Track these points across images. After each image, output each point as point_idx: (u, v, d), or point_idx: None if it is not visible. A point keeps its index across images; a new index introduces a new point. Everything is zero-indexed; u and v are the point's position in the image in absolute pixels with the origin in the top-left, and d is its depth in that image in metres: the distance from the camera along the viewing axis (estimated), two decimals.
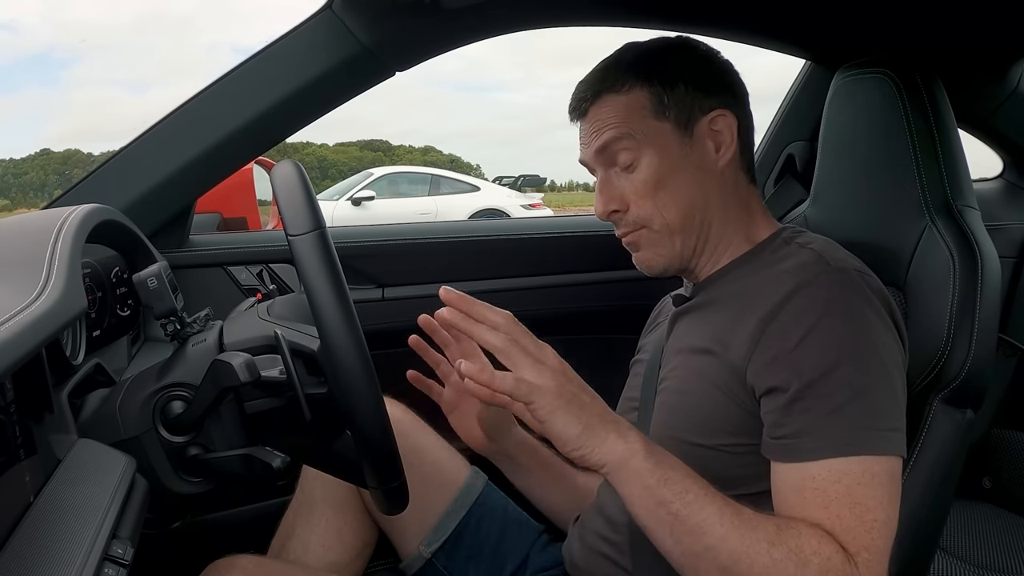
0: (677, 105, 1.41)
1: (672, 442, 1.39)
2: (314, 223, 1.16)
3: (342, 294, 1.15)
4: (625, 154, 1.42)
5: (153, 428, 1.34)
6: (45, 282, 0.96)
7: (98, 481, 1.15)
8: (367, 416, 1.18)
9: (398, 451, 1.24)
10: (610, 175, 1.46)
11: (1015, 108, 2.45)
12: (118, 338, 1.80)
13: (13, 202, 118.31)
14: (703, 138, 1.43)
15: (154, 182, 1.94)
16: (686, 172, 1.42)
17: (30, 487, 1.07)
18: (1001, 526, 2.24)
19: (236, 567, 1.47)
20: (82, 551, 0.98)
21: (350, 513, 1.74)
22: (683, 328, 1.52)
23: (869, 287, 1.31)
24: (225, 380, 1.28)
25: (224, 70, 1.97)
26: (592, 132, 1.45)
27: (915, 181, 1.62)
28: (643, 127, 1.40)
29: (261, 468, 1.32)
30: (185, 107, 1.95)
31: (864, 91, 1.72)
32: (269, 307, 1.47)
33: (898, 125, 1.64)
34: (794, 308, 1.27)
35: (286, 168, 1.21)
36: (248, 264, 2.29)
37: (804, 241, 1.43)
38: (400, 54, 1.98)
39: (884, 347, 1.27)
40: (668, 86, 1.41)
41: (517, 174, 20.40)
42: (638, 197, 1.42)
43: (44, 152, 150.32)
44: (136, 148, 1.94)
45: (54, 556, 0.95)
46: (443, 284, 2.38)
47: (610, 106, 1.43)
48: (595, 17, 2.07)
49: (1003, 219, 2.47)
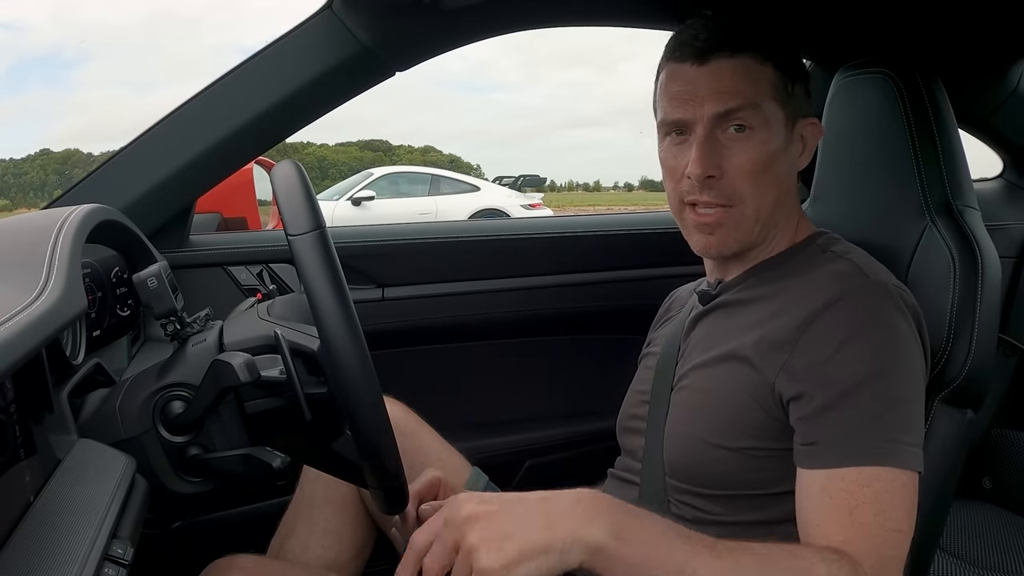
0: (794, 98, 1.41)
1: (692, 441, 1.39)
2: (314, 223, 1.15)
3: (342, 294, 1.14)
4: (742, 123, 1.36)
5: (153, 428, 1.34)
6: (45, 282, 0.96)
7: (98, 481, 1.15)
8: (367, 416, 1.17)
9: (398, 451, 1.24)
10: (716, 136, 1.38)
11: (1015, 108, 2.46)
12: (118, 338, 1.80)
13: (13, 202, 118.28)
14: (796, 138, 1.43)
15: (154, 182, 1.94)
16: (785, 164, 1.41)
17: (30, 487, 1.07)
18: (1001, 526, 2.24)
19: (236, 566, 1.47)
20: (82, 551, 0.98)
21: (350, 513, 1.74)
22: (709, 327, 1.51)
23: (904, 302, 1.31)
24: (225, 380, 1.28)
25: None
26: (715, 89, 1.36)
27: (915, 181, 1.62)
28: (769, 105, 1.37)
29: (261, 468, 1.32)
30: (185, 107, 1.95)
31: (864, 91, 1.72)
32: (269, 307, 1.47)
33: (898, 125, 1.64)
34: (832, 318, 1.26)
35: (286, 168, 1.21)
36: (248, 264, 2.29)
37: (841, 251, 1.42)
38: (400, 54, 1.98)
39: (916, 362, 1.27)
40: (792, 78, 1.41)
41: (517, 174, 20.43)
42: (743, 172, 1.37)
43: (44, 152, 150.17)
44: (136, 148, 1.95)
45: (54, 556, 0.95)
46: (443, 284, 2.40)
47: (747, 70, 1.37)
48: (593, 17, 2.07)
49: (1003, 219, 2.48)
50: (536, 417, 1.60)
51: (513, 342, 2.51)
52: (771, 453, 1.31)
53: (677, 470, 1.43)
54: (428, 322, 2.40)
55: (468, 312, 2.43)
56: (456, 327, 2.42)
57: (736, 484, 1.34)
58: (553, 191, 79.37)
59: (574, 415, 2.21)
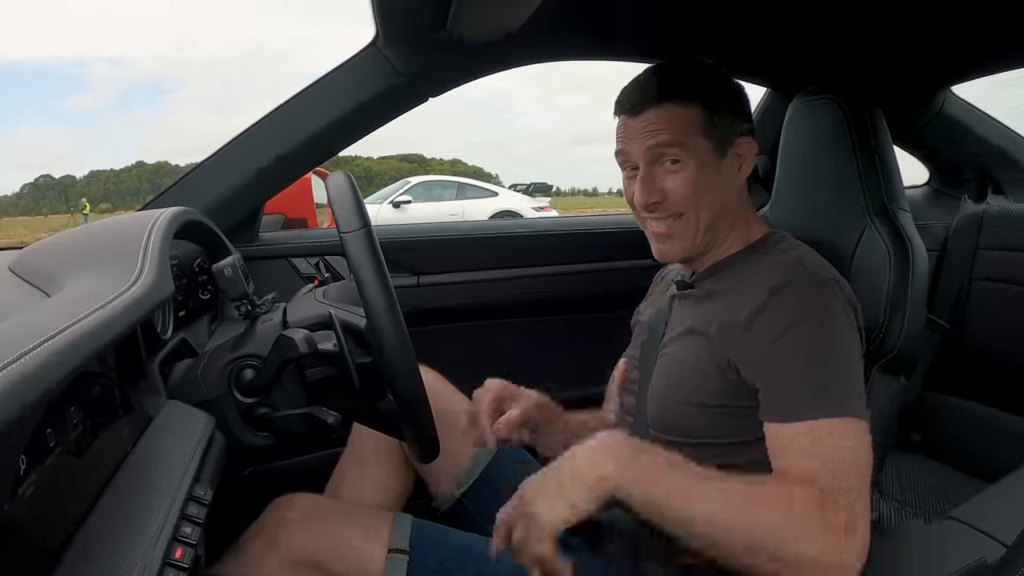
0: (719, 128, 1.38)
1: (668, 402, 1.39)
2: (361, 222, 1.16)
3: (385, 281, 1.15)
4: (672, 158, 1.37)
5: (229, 391, 1.35)
6: (140, 271, 0.97)
7: (184, 435, 1.16)
8: (406, 381, 1.18)
9: (431, 410, 1.25)
10: (652, 171, 1.39)
11: (939, 128, 2.47)
12: (200, 317, 1.80)
13: (114, 205, 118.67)
14: (732, 158, 1.41)
15: (230, 188, 1.94)
16: (718, 183, 1.39)
17: (127, 440, 1.07)
18: (928, 473, 2.24)
19: (294, 503, 1.48)
20: (171, 491, 0.99)
21: (392, 462, 1.74)
22: (683, 310, 1.49)
23: (841, 292, 1.30)
24: (288, 352, 1.30)
25: None
26: (645, 132, 1.38)
27: (857, 188, 1.63)
28: (693, 140, 1.36)
29: (318, 425, 1.33)
30: (255, 126, 1.95)
31: (815, 115, 1.72)
32: (324, 292, 1.48)
33: (843, 142, 1.65)
34: (777, 304, 1.26)
35: (338, 177, 1.22)
36: (307, 256, 2.29)
37: (787, 247, 1.41)
38: (432, 82, 1.97)
39: (851, 340, 1.25)
40: (716, 110, 1.38)
41: (529, 182, 20.33)
42: (678, 195, 1.37)
43: (139, 164, 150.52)
44: (215, 160, 1.95)
45: (149, 495, 0.96)
46: (468, 272, 2.39)
47: (670, 114, 1.36)
48: (594, 52, 2.07)
49: (929, 219, 2.47)
50: (542, 382, 1.60)
51: (525, 320, 2.51)
52: (732, 410, 1.31)
53: (657, 423, 1.43)
54: (456, 304, 2.40)
55: (488, 295, 2.43)
56: (479, 308, 2.42)
57: (705, 435, 1.34)
58: (558, 196, 79.33)
59: (572, 381, 2.21)
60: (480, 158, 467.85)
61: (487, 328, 2.48)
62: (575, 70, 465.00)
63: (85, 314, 0.75)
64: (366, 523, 1.47)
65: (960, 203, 2.56)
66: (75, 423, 0.89)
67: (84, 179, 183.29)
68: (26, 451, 0.74)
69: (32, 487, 0.74)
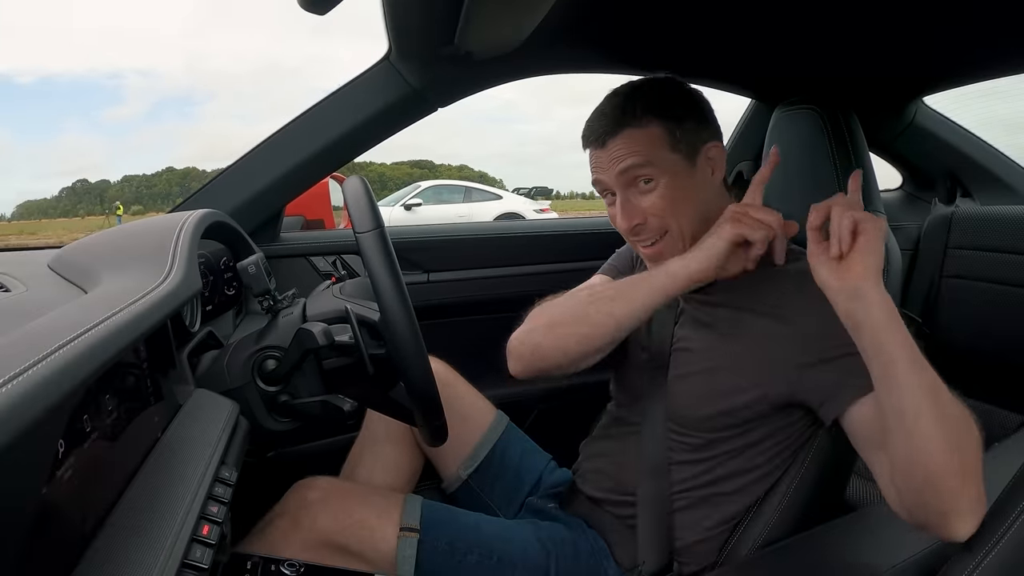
0: (685, 139, 1.35)
1: (696, 413, 1.39)
2: (375, 223, 1.16)
3: (397, 278, 1.15)
4: (644, 178, 1.34)
5: (252, 380, 1.35)
6: (170, 269, 0.96)
7: (210, 421, 1.16)
8: (417, 371, 1.18)
9: (440, 397, 1.24)
10: (628, 195, 1.37)
11: (911, 137, 2.46)
12: (225, 311, 1.80)
13: (145, 207, 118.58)
14: (703, 164, 1.38)
15: (253, 192, 1.94)
16: (693, 191, 1.36)
17: (158, 425, 1.07)
18: None
19: (314, 485, 1.47)
20: (199, 472, 0.99)
21: (404, 446, 1.74)
22: (694, 317, 1.45)
23: None
24: (308, 343, 1.30)
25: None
26: (612, 159, 1.35)
27: (836, 191, 1.61)
28: (660, 156, 1.33)
29: (334, 411, 1.33)
30: (277, 134, 1.95)
31: (796, 124, 1.72)
32: (341, 288, 1.48)
33: (823, 148, 1.65)
34: (804, 305, 1.25)
35: (354, 181, 1.22)
36: (325, 255, 2.30)
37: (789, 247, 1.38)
38: (442, 94, 1.97)
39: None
40: (678, 123, 1.35)
41: (531, 186, 20.34)
42: (657, 211, 1.35)
43: (169, 169, 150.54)
44: (239, 166, 1.94)
45: (178, 476, 0.96)
46: (475, 270, 2.39)
47: (631, 138, 1.34)
48: (593, 65, 2.06)
49: (902, 220, 2.47)
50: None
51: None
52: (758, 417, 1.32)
53: (678, 422, 1.42)
54: (463, 299, 2.40)
55: (494, 291, 2.43)
56: (485, 303, 2.42)
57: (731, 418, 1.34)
58: (558, 199, 79.28)
59: None
60: (486, 164, 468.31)
61: (493, 321, 2.47)
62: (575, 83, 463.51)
63: (119, 308, 0.75)
64: (379, 503, 1.47)
65: (931, 206, 2.56)
66: (110, 410, 0.89)
67: (118, 184, 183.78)
68: (64, 436, 0.74)
69: (70, 470, 0.75)
